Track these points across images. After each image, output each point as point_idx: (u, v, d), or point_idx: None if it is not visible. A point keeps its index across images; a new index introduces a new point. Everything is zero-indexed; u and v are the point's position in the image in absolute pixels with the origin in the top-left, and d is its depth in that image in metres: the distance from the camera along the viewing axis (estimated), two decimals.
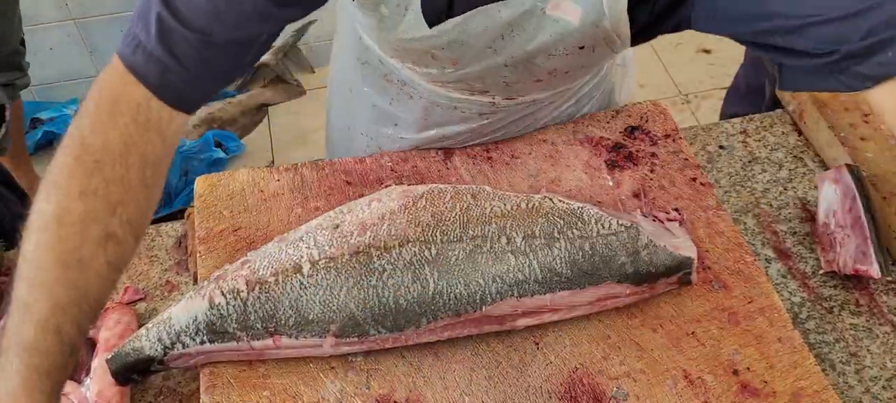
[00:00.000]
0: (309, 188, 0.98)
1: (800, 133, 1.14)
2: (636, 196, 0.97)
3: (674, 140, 1.04)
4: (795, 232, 1.01)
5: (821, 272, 0.96)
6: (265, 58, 2.65)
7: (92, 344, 0.88)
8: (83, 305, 0.68)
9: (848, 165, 1.00)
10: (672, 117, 1.07)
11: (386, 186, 0.93)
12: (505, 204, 0.82)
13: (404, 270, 0.77)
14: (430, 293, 0.77)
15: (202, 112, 2.52)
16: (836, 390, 0.83)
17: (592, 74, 1.04)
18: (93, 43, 2.64)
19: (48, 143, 2.59)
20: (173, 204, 2.37)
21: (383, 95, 1.01)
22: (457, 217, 0.80)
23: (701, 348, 0.83)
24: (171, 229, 1.03)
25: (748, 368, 0.81)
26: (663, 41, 1.04)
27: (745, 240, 0.93)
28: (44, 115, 2.60)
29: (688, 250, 0.83)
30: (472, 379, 0.80)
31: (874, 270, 0.92)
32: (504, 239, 0.79)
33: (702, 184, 0.98)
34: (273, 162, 2.55)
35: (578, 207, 0.82)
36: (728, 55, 2.86)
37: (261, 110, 2.60)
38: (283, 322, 0.77)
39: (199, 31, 0.72)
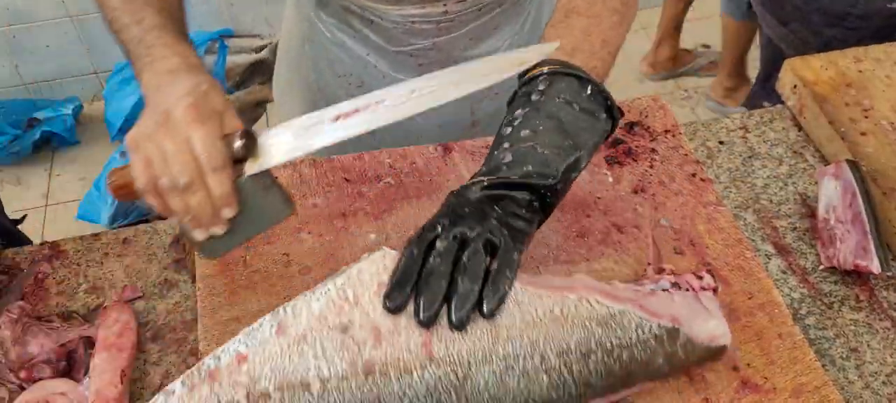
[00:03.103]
0: (307, 185, 0.97)
1: (800, 128, 1.14)
2: (636, 192, 0.96)
3: (673, 135, 1.04)
4: (795, 228, 1.01)
5: (821, 267, 0.96)
6: (263, 55, 2.65)
7: (90, 343, 0.88)
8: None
9: (848, 160, 1.00)
10: (672, 112, 1.06)
11: (379, 251, 0.73)
12: (536, 311, 0.72)
13: (427, 398, 0.68)
14: None
15: None
16: (837, 385, 0.82)
17: None
18: (90, 40, 2.63)
19: (46, 143, 2.59)
20: None
21: (347, 29, 1.09)
22: (484, 330, 0.70)
23: None
24: (169, 227, 1.02)
25: (748, 364, 0.81)
26: None
27: (745, 236, 0.93)
28: (41, 115, 2.60)
29: (723, 337, 0.77)
30: None
31: (874, 266, 0.92)
32: (537, 358, 0.70)
33: (702, 179, 0.98)
34: None
35: (619, 312, 0.74)
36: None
37: (259, 107, 2.60)
38: None
39: None
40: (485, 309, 0.68)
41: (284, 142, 0.74)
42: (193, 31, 2.59)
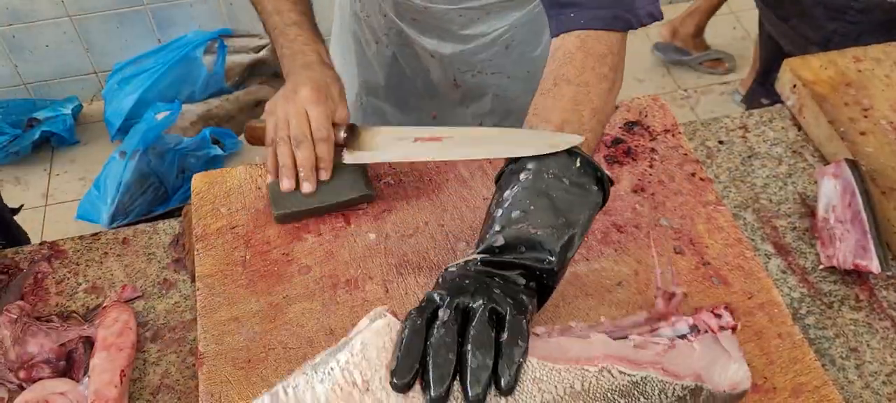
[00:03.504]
0: None
1: (799, 128, 1.14)
2: (635, 191, 0.96)
3: (673, 135, 1.04)
4: (795, 228, 1.01)
5: (820, 267, 0.96)
6: (262, 54, 2.65)
7: (90, 343, 0.88)
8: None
9: (847, 160, 1.00)
10: (671, 112, 1.06)
11: (380, 317, 0.68)
12: (556, 388, 0.67)
13: None
14: None
15: (199, 109, 2.51)
16: (837, 385, 0.82)
17: None
18: (90, 40, 2.63)
19: (45, 143, 2.59)
20: (170, 202, 2.37)
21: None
22: None
23: None
24: (169, 227, 1.02)
25: (748, 363, 0.80)
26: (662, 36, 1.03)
27: (744, 236, 0.92)
28: (40, 115, 2.60)
29: (744, 381, 0.75)
30: None
31: (874, 265, 0.92)
32: None
33: (701, 179, 0.98)
34: None
35: (641, 379, 0.69)
36: (727, 50, 2.86)
37: (258, 107, 2.60)
38: None
39: None
40: (503, 383, 0.63)
41: (378, 143, 0.93)
42: (192, 30, 2.59)
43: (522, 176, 0.73)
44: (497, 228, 0.71)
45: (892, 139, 1.05)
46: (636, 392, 0.69)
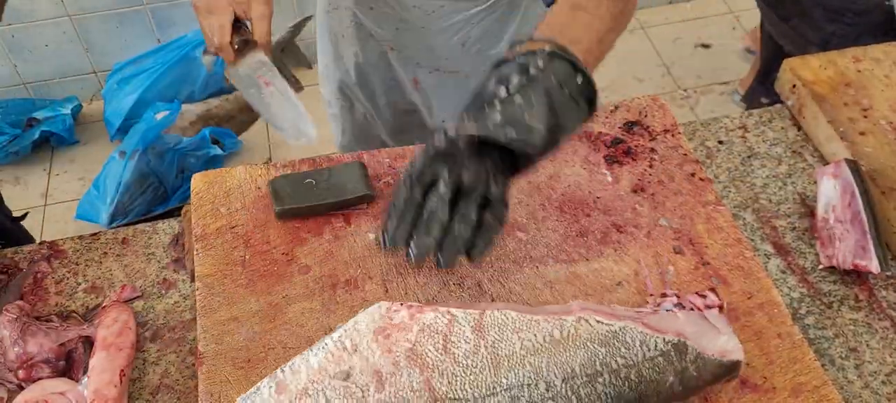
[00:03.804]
0: None
1: (799, 128, 1.14)
2: (635, 191, 0.96)
3: (673, 135, 1.04)
4: (795, 228, 1.01)
5: (820, 267, 0.96)
6: None
7: (89, 343, 0.88)
8: None
9: (847, 160, 1.00)
10: (671, 112, 1.06)
11: (375, 304, 0.74)
12: (535, 336, 0.70)
13: None
14: None
15: (199, 109, 2.51)
16: (836, 385, 0.82)
17: None
18: (89, 40, 2.63)
19: (45, 142, 2.59)
20: (170, 202, 2.37)
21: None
22: (485, 361, 0.69)
23: None
24: (168, 226, 1.02)
25: (748, 363, 0.81)
26: (662, 36, 1.04)
27: (744, 236, 0.92)
28: (40, 115, 2.60)
29: (735, 352, 0.75)
30: None
31: (873, 265, 0.92)
32: (542, 386, 0.68)
33: (701, 179, 0.98)
34: (270, 159, 2.54)
35: (620, 328, 0.72)
36: (727, 50, 2.86)
37: None
38: None
39: None
40: (473, 254, 0.74)
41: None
42: (192, 30, 2.59)
43: (531, 70, 0.77)
44: (498, 106, 0.75)
45: (892, 139, 1.06)
46: (616, 343, 0.71)
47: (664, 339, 0.72)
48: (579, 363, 0.69)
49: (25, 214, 1.50)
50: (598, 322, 0.72)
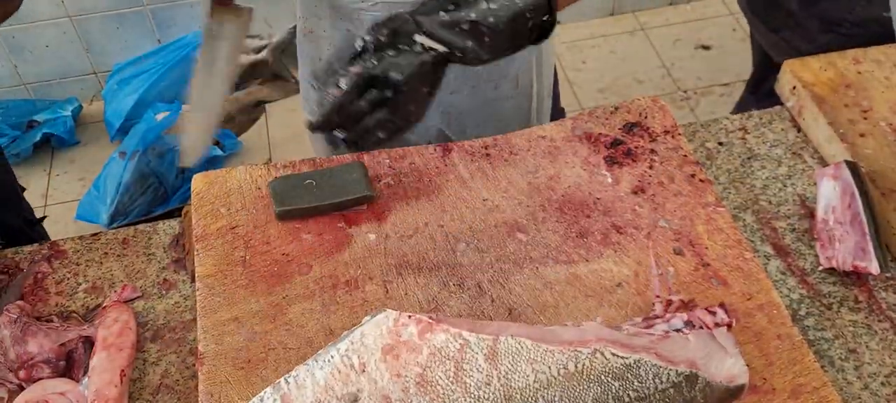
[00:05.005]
0: None
1: (799, 129, 1.14)
2: (635, 192, 0.96)
3: (673, 136, 1.04)
4: (794, 229, 1.01)
5: (820, 268, 0.96)
6: (262, 55, 2.65)
7: (90, 343, 0.88)
8: None
9: (847, 161, 1.00)
10: (671, 113, 1.06)
11: (381, 312, 0.72)
12: (549, 368, 0.69)
13: None
14: None
15: None
16: (836, 386, 0.83)
17: None
18: (89, 40, 2.63)
19: (45, 143, 2.59)
20: (170, 202, 2.37)
21: None
22: (498, 394, 0.67)
23: None
24: (168, 227, 1.02)
25: (747, 365, 0.81)
26: (662, 37, 1.04)
27: (744, 237, 0.93)
28: (40, 117, 2.60)
29: (741, 376, 0.75)
30: None
31: (873, 267, 0.92)
32: None
33: (701, 180, 0.98)
34: (270, 159, 2.55)
35: (635, 361, 0.71)
36: (727, 51, 2.86)
37: (258, 107, 2.60)
38: None
39: None
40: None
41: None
42: (192, 31, 2.59)
43: None
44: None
45: (892, 141, 1.06)
46: (630, 376, 0.70)
47: (677, 371, 0.72)
48: (592, 397, 0.68)
49: (44, 217, 1.50)
50: (613, 355, 0.71)
